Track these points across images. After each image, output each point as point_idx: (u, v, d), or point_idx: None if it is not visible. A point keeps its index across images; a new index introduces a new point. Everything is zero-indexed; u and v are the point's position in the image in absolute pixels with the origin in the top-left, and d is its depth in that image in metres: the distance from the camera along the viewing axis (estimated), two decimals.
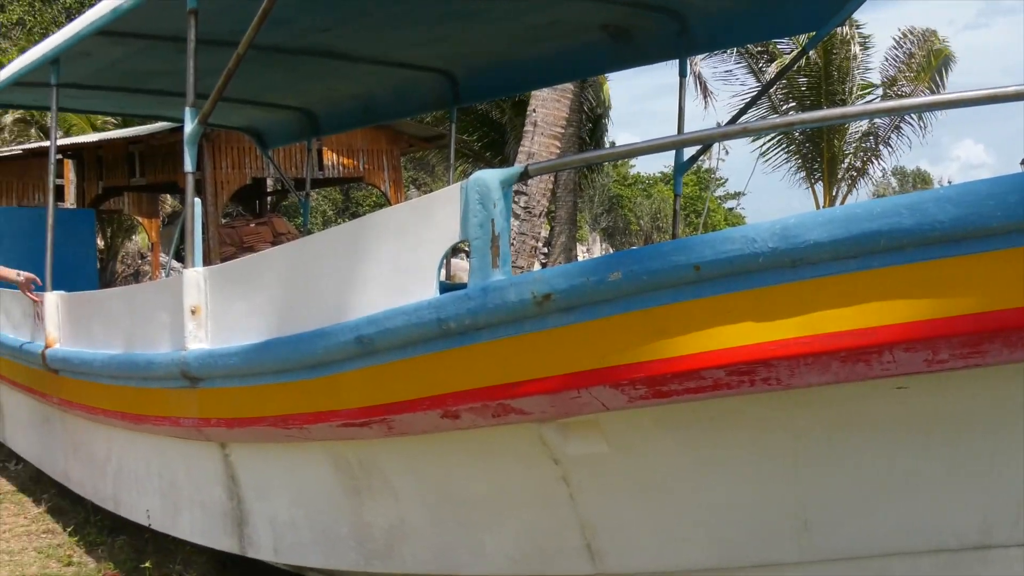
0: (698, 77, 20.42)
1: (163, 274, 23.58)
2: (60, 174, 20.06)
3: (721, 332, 2.29)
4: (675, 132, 5.33)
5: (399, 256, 3.03)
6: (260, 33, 3.67)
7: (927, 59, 19.22)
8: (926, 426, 2.41)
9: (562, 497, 2.91)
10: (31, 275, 5.54)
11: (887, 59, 19.56)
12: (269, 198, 25.92)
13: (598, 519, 2.90)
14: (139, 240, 32.64)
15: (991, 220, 2.02)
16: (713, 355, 2.30)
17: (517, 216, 12.92)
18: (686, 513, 2.77)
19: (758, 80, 18.80)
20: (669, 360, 2.35)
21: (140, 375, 4.30)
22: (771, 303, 2.23)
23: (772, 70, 18.24)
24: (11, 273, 5.51)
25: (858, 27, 18.52)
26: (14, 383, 6.33)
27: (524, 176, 2.77)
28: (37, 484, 6.28)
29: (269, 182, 24.44)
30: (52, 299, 5.42)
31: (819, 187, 19.46)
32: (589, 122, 21.04)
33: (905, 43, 19.43)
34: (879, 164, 20.21)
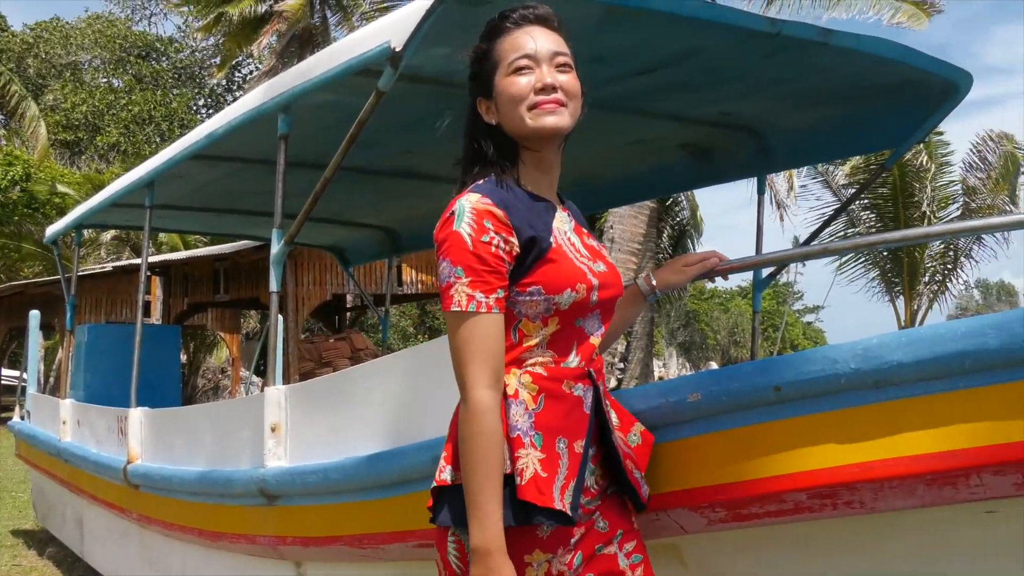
0: (774, 193, 20.46)
1: (243, 389, 23.90)
2: (148, 290, 20.67)
3: (802, 454, 2.24)
4: (754, 246, 5.31)
5: None
6: (346, 156, 3.75)
7: (1004, 166, 18.36)
8: (1018, 552, 2.33)
9: None
10: None
11: (964, 165, 18.81)
12: (348, 314, 26.28)
13: None
14: (219, 355, 33.12)
15: None
16: (794, 477, 2.25)
17: None
18: None
19: (834, 194, 18.68)
20: (750, 483, 2.31)
21: (218, 492, 4.33)
22: (854, 424, 2.18)
23: (843, 172, 18.08)
24: None
25: (938, 135, 18.06)
26: (95, 498, 6.42)
27: None
28: None
29: (349, 298, 24.82)
30: (136, 415, 5.52)
31: (900, 301, 18.96)
32: (671, 238, 21.10)
33: (983, 149, 18.68)
34: (961, 276, 19.28)
